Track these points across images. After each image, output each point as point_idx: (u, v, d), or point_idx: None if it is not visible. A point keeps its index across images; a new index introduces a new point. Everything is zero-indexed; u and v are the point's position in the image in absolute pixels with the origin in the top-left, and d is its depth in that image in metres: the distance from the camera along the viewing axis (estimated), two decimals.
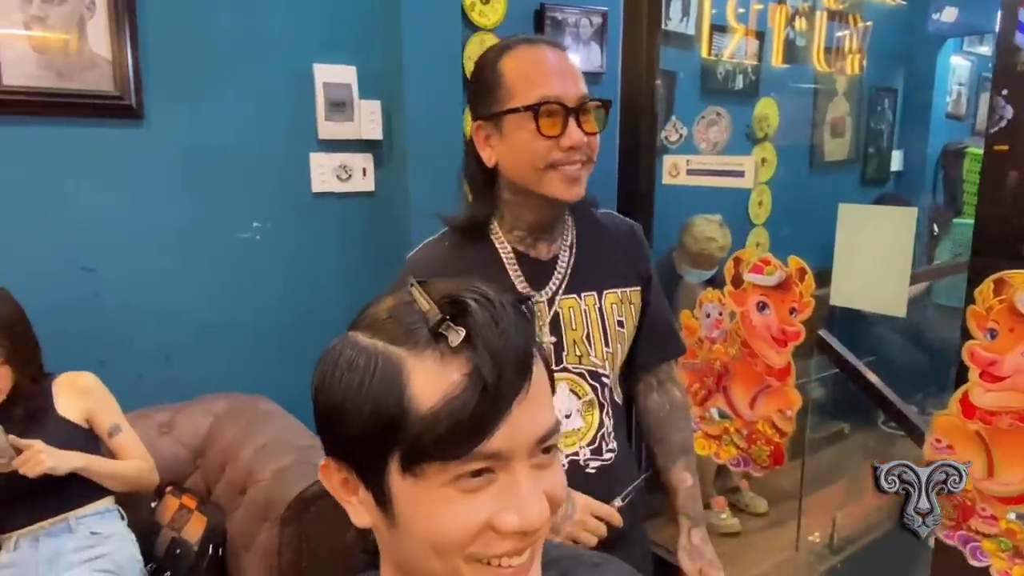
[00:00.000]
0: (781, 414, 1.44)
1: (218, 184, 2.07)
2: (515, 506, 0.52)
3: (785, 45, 3.42)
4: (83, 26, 1.82)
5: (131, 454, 1.70)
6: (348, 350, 0.55)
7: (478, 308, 0.52)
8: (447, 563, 0.54)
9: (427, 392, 0.51)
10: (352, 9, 2.21)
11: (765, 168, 3.59)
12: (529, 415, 0.52)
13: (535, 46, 1.00)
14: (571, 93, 0.97)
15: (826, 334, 1.89)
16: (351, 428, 0.53)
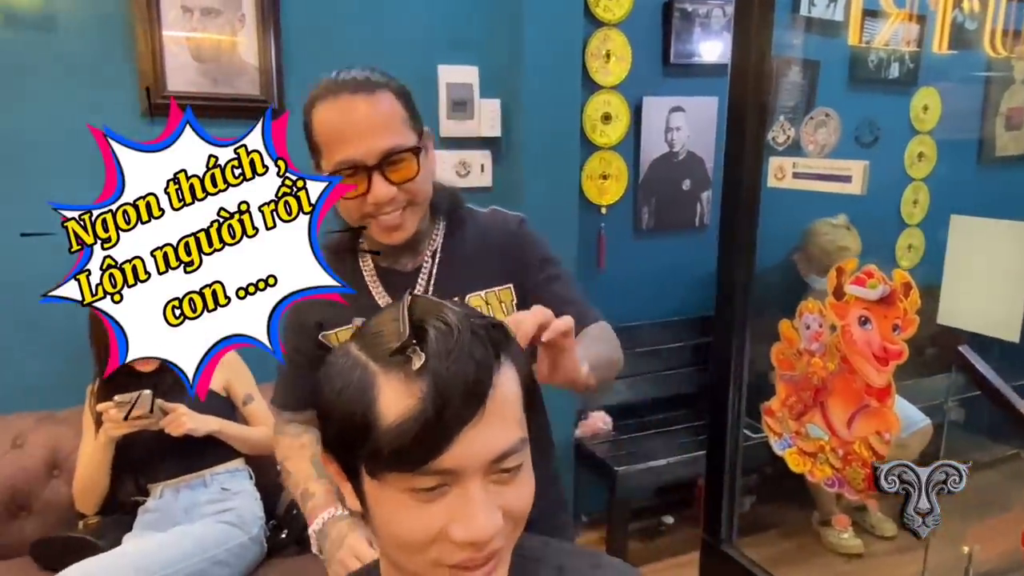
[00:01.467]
0: (879, 436, 1.35)
1: None
2: (464, 518, 0.55)
3: (951, 29, 3.10)
4: (234, 37, 2.04)
5: (261, 421, 1.90)
6: (339, 360, 0.61)
7: (435, 336, 0.56)
8: (413, 561, 0.59)
9: (390, 408, 0.55)
10: (476, 10, 2.30)
11: (923, 164, 3.32)
12: (483, 437, 0.55)
13: (336, 100, 0.96)
14: (371, 149, 0.94)
15: (967, 351, 1.73)
16: (331, 428, 0.60)
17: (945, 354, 1.87)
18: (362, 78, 0.98)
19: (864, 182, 1.36)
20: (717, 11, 2.67)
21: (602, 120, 2.52)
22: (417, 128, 1.01)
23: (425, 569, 0.59)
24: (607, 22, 2.47)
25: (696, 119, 2.70)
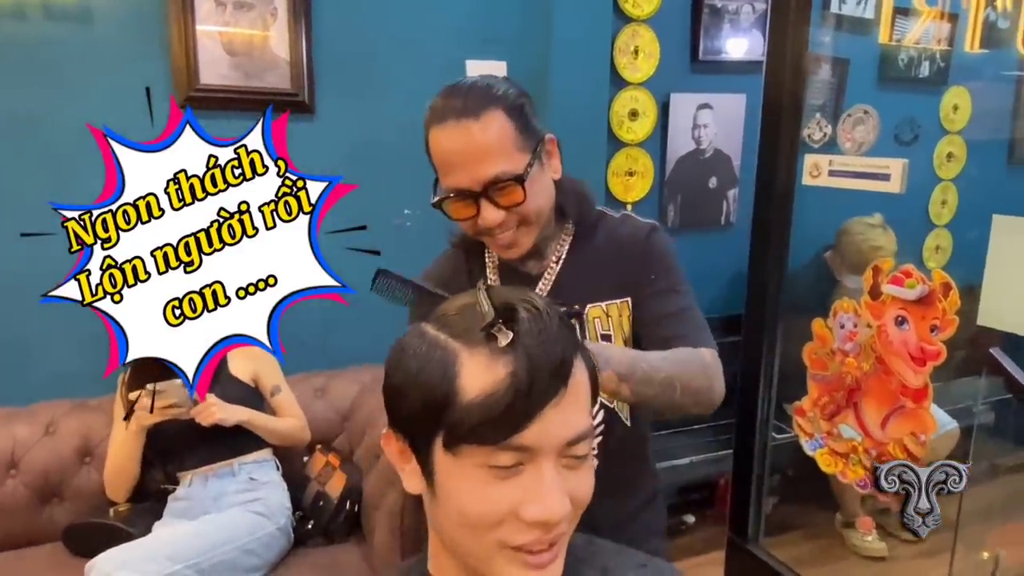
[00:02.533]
0: (914, 438, 1.34)
1: (376, 173, 2.24)
2: (538, 498, 0.57)
3: (983, 27, 3.06)
4: (266, 30, 2.05)
5: (288, 412, 1.91)
6: (416, 339, 0.62)
7: (526, 316, 0.58)
8: (478, 541, 0.59)
9: (474, 383, 0.57)
10: (506, 6, 2.29)
11: (952, 164, 3.27)
12: (562, 417, 0.57)
13: (443, 126, 0.97)
14: (477, 178, 0.95)
15: (999, 353, 1.71)
16: (408, 405, 0.61)
17: (976, 357, 1.85)
18: (472, 96, 0.97)
19: (904, 181, 1.35)
20: (747, 7, 2.65)
21: (629, 117, 2.51)
22: (531, 143, 0.99)
23: (488, 550, 0.59)
24: (636, 18, 2.45)
25: (724, 116, 2.68)
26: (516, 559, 0.59)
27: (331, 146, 2.18)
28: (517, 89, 1.02)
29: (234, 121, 2.07)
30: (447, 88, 1.01)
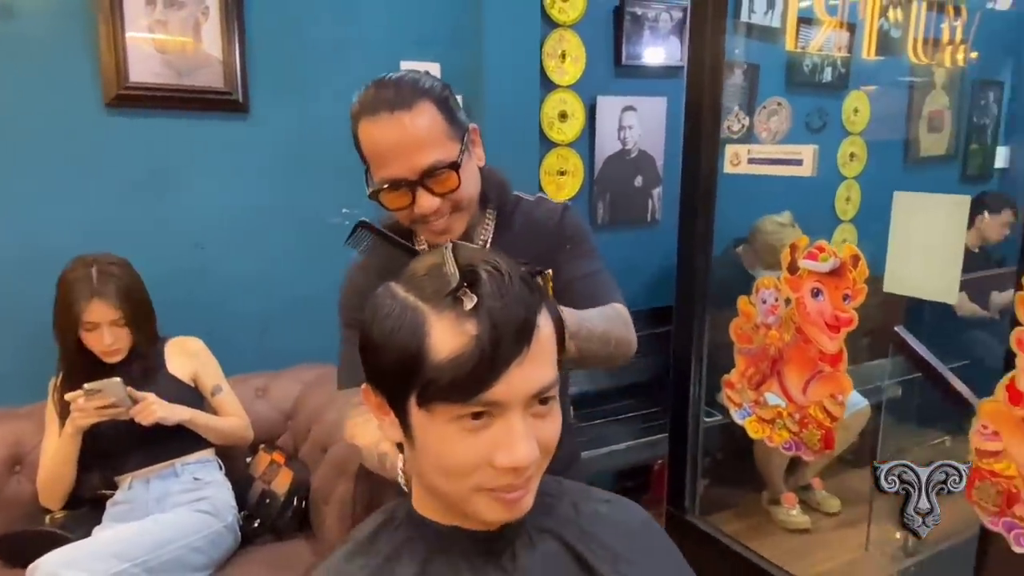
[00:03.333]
0: (832, 399, 1.46)
1: (312, 173, 2.26)
2: (508, 446, 0.61)
3: (878, 36, 3.32)
4: (198, 29, 2.04)
5: (230, 412, 1.90)
6: (389, 300, 0.66)
7: (487, 279, 0.62)
8: (455, 488, 0.64)
9: (442, 345, 0.60)
10: (438, 9, 2.35)
11: (854, 163, 3.52)
12: (526, 373, 0.61)
13: (375, 120, 0.99)
14: (413, 167, 0.98)
15: (903, 331, 1.87)
16: (382, 365, 0.64)
17: (882, 339, 2.00)
18: (403, 89, 0.99)
19: (815, 164, 1.48)
20: (665, 15, 2.80)
21: (559, 118, 2.61)
22: (459, 133, 1.03)
23: (466, 494, 0.64)
24: (562, 23, 2.56)
25: (647, 118, 2.82)
26: (491, 498, 0.64)
27: (266, 145, 2.18)
28: (440, 82, 1.05)
29: (167, 120, 2.05)
30: (374, 82, 1.03)
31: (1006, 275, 3.38)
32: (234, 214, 2.17)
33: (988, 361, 2.93)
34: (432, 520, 0.70)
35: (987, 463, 1.20)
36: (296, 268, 2.30)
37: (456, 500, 0.65)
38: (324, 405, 1.98)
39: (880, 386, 2.54)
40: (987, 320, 3.45)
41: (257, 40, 2.12)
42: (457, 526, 0.69)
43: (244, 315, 2.23)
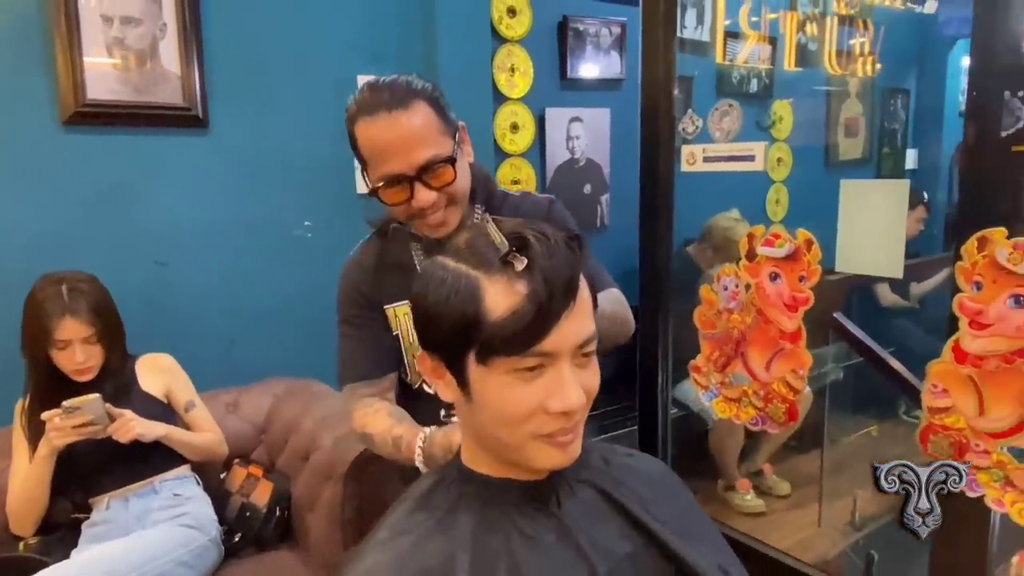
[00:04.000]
0: (794, 373, 1.58)
1: (274, 186, 2.27)
2: (559, 392, 0.68)
3: (797, 49, 3.57)
4: (156, 46, 2.04)
5: (204, 427, 1.88)
6: (438, 272, 0.72)
7: (536, 242, 0.69)
8: (512, 434, 0.70)
9: (496, 304, 0.67)
10: (392, 24, 2.42)
11: (781, 168, 3.75)
12: (573, 325, 0.69)
13: (373, 120, 1.04)
14: (411, 163, 1.03)
15: (841, 317, 2.02)
16: (441, 329, 0.70)
17: (819, 329, 2.16)
18: (398, 90, 1.05)
19: (766, 159, 1.61)
20: (604, 30, 2.94)
21: (511, 129, 2.70)
22: (451, 130, 1.09)
23: (521, 440, 0.70)
24: (510, 38, 2.66)
25: (593, 129, 2.95)
26: (545, 443, 0.70)
27: (226, 160, 2.19)
28: (431, 83, 1.12)
29: (126, 137, 2.03)
30: (369, 85, 1.09)
31: (922, 266, 3.67)
32: (196, 229, 2.16)
33: (911, 345, 3.17)
34: (484, 474, 0.76)
35: (939, 418, 1.34)
36: (260, 282, 2.30)
37: (513, 448, 0.71)
38: (300, 415, 1.99)
39: (823, 372, 2.72)
40: (908, 308, 3.72)
41: (215, 56, 2.13)
42: (508, 478, 0.75)
43: (209, 331, 2.21)
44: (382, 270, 1.22)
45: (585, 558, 0.72)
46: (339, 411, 1.93)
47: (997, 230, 1.22)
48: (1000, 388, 1.26)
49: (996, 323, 1.24)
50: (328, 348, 2.37)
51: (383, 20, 2.40)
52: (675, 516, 0.82)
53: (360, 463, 1.66)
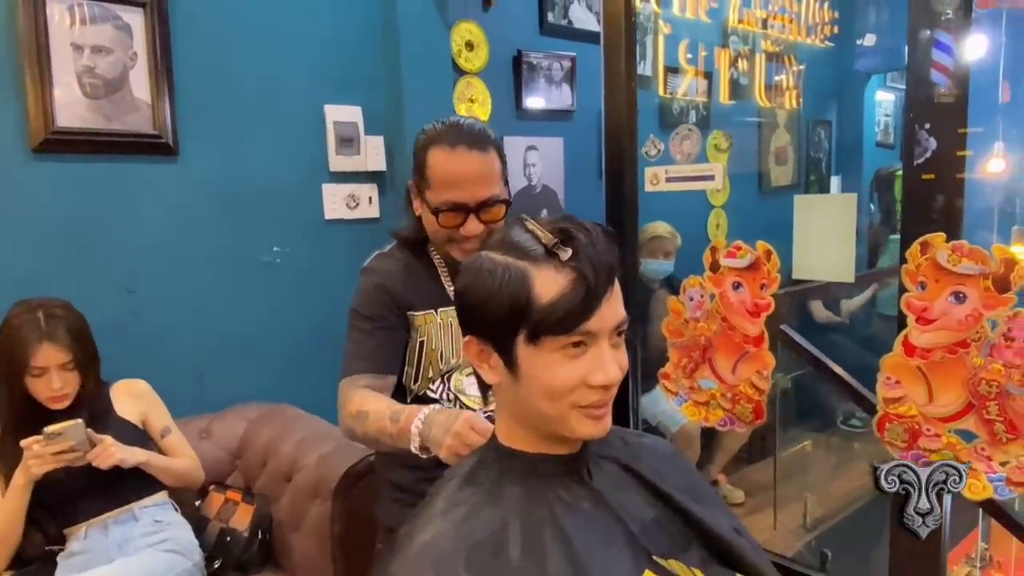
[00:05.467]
0: (759, 375, 1.70)
1: (243, 213, 2.29)
2: (600, 367, 0.78)
3: (730, 84, 3.81)
4: (126, 75, 2.05)
5: (180, 453, 1.87)
6: (486, 264, 0.80)
7: (580, 234, 0.78)
8: (555, 406, 0.78)
9: (545, 290, 0.76)
10: (358, 57, 2.49)
11: (720, 194, 3.96)
12: (612, 308, 0.78)
13: (455, 150, 1.18)
14: (474, 197, 1.19)
15: (788, 329, 2.18)
16: (491, 314, 0.79)
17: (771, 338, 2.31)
18: (478, 134, 1.21)
19: (724, 178, 1.75)
20: (556, 64, 3.09)
21: None
22: (505, 179, 1.25)
23: (565, 412, 0.78)
24: (468, 71, 2.77)
25: (547, 157, 3.07)
26: (583, 415, 0.79)
27: (196, 188, 2.20)
28: (499, 136, 1.27)
29: (95, 164, 2.03)
30: (450, 123, 1.24)
31: (852, 285, 3.92)
32: (165, 257, 2.16)
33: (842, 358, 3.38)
34: (522, 450, 0.83)
35: (893, 408, 1.47)
36: (229, 309, 2.30)
37: (556, 419, 0.79)
38: (277, 437, 1.99)
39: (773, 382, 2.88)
40: (839, 324, 3.97)
41: (185, 84, 2.15)
42: (544, 452, 0.82)
43: (179, 359, 2.20)
44: (412, 278, 1.31)
45: (620, 520, 0.80)
46: (320, 432, 1.96)
47: (937, 235, 1.37)
48: (946, 377, 1.40)
49: (940, 318, 1.39)
50: (300, 372, 2.41)
51: (349, 52, 2.47)
52: (687, 486, 0.90)
53: (349, 478, 1.69)
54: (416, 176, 1.25)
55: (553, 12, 3.07)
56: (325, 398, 2.57)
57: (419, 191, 1.25)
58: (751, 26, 3.79)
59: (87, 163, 2.01)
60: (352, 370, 1.27)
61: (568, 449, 0.83)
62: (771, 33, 3.91)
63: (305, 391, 2.35)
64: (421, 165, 1.22)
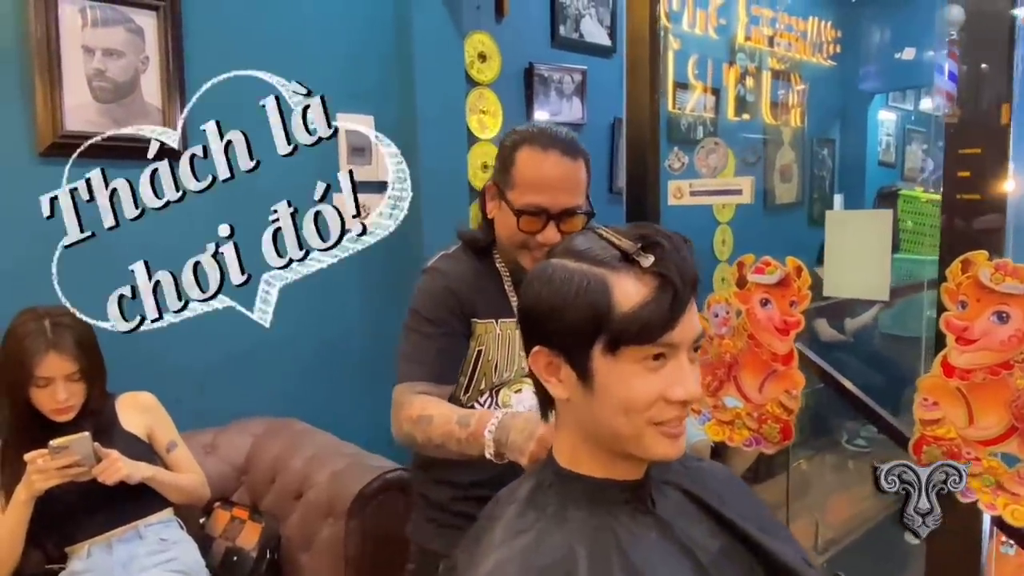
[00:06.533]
0: (788, 394, 1.66)
1: (254, 220, 2.23)
2: (681, 382, 0.73)
3: (737, 101, 3.81)
4: (137, 79, 2.01)
5: (186, 468, 1.81)
6: (560, 271, 0.76)
7: (665, 241, 0.74)
8: (631, 423, 0.74)
9: (625, 298, 0.72)
10: (371, 67, 2.45)
11: (726, 210, 3.96)
12: (691, 319, 0.74)
13: (546, 153, 1.17)
14: (558, 203, 1.16)
15: (802, 347, 2.14)
16: (567, 323, 0.74)
17: None
18: (571, 142, 1.19)
19: (753, 193, 1.72)
20: (567, 77, 3.07)
21: (482, 168, 2.76)
22: (587, 190, 1.23)
23: (639, 429, 0.73)
24: (481, 82, 2.74)
25: None
26: (659, 433, 0.74)
27: (205, 194, 2.14)
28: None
29: (104, 170, 1.97)
30: (543, 127, 1.22)
31: (857, 304, 3.90)
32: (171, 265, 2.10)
33: (847, 377, 3.36)
34: (585, 475, 0.78)
35: (931, 430, 1.43)
36: (233, 321, 2.23)
37: (629, 437, 0.74)
38: (286, 453, 1.93)
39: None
40: (844, 343, 3.94)
41: (197, 90, 2.10)
42: (609, 478, 0.77)
43: (180, 372, 2.13)
44: (478, 283, 1.27)
45: (688, 552, 0.75)
46: (330, 447, 1.90)
47: (979, 253, 1.34)
48: (987, 399, 1.37)
49: (981, 338, 1.36)
50: (308, 386, 2.35)
51: (363, 62, 2.44)
52: (751, 513, 0.86)
53: (364, 497, 1.63)
54: (499, 176, 1.22)
55: (565, 25, 3.06)
56: (334, 412, 2.54)
57: (500, 191, 1.21)
58: (758, 43, 3.80)
59: (95, 167, 1.95)
60: (410, 375, 1.21)
61: (633, 474, 0.78)
62: (777, 51, 3.92)
63: (313, 405, 2.29)
64: (508, 164, 1.19)
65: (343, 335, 2.43)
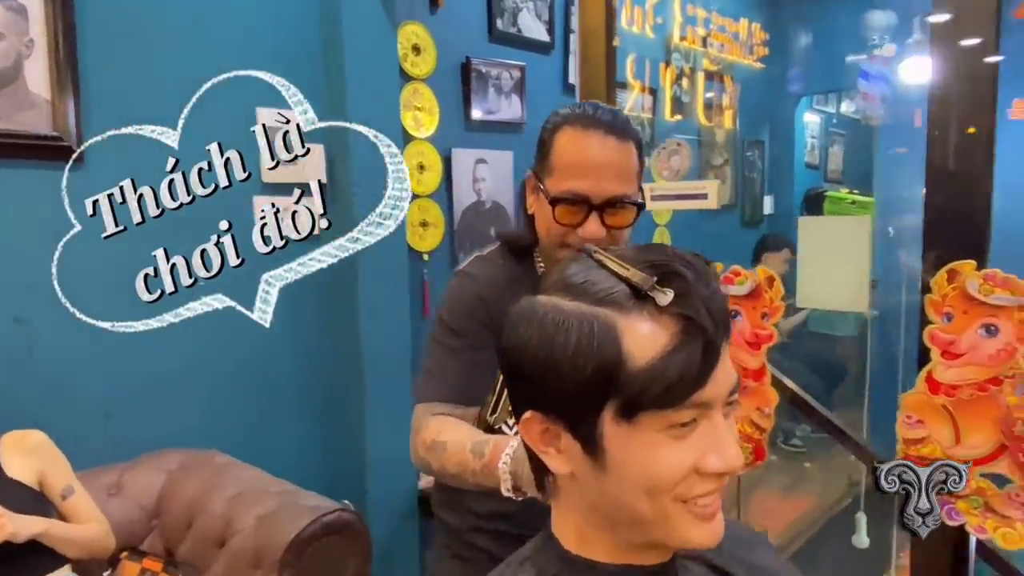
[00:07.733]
0: (760, 412, 1.56)
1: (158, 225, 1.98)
2: (718, 449, 0.57)
3: (673, 101, 3.76)
4: (20, 65, 1.73)
5: (86, 517, 1.56)
6: (552, 313, 0.59)
7: (686, 270, 0.57)
8: (656, 504, 0.58)
9: (642, 348, 0.55)
10: (296, 57, 2.24)
11: (664, 212, 3.90)
12: (726, 368, 0.57)
13: (586, 133, 1.00)
14: (602, 191, 0.99)
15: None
16: (566, 381, 0.57)
17: None
18: (618, 120, 1.02)
19: (718, 197, 1.61)
20: (505, 74, 2.92)
21: (418, 169, 2.58)
22: (640, 181, 1.06)
23: (664, 510, 0.58)
24: (415, 77, 2.56)
25: (497, 171, 2.89)
26: (692, 515, 0.58)
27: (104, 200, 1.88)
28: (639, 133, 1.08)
29: None
30: (588, 103, 1.05)
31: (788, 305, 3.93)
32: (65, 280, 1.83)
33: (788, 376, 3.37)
34: (599, 561, 0.62)
35: (914, 449, 1.36)
36: (143, 341, 1.97)
37: (653, 522, 0.59)
38: (205, 492, 1.71)
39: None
40: (780, 344, 3.95)
41: (93, 80, 1.84)
42: (627, 564, 0.62)
43: (82, 400, 1.87)
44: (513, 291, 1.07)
45: None
46: (257, 486, 1.69)
47: (967, 263, 1.26)
48: (975, 416, 1.30)
49: (968, 352, 1.29)
50: (227, 413, 2.11)
51: (287, 52, 2.22)
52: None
53: (299, 544, 1.43)
54: (538, 163, 1.05)
55: (502, 19, 2.91)
56: (260, 442, 2.30)
57: (538, 181, 1.05)
58: (693, 44, 3.76)
59: None
60: (430, 395, 1.07)
61: (657, 557, 0.63)
62: (711, 52, 3.89)
63: (236, 435, 2.06)
64: (546, 150, 1.03)
65: (264, 352, 2.20)
